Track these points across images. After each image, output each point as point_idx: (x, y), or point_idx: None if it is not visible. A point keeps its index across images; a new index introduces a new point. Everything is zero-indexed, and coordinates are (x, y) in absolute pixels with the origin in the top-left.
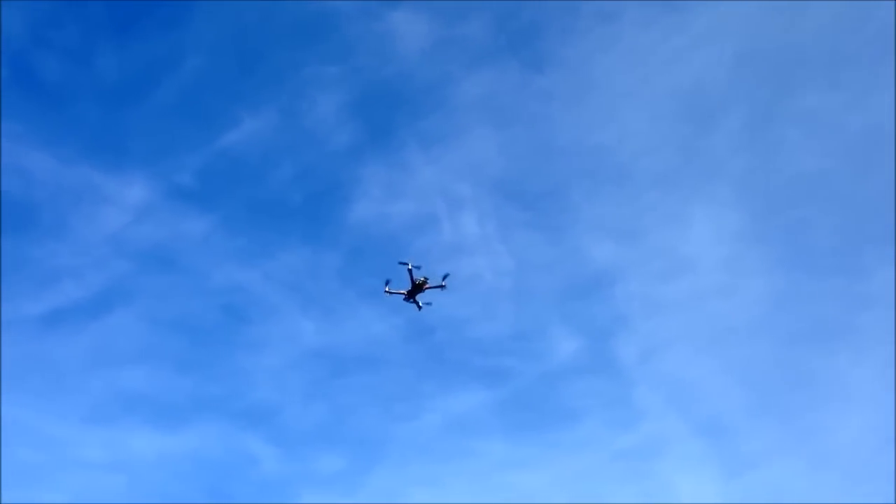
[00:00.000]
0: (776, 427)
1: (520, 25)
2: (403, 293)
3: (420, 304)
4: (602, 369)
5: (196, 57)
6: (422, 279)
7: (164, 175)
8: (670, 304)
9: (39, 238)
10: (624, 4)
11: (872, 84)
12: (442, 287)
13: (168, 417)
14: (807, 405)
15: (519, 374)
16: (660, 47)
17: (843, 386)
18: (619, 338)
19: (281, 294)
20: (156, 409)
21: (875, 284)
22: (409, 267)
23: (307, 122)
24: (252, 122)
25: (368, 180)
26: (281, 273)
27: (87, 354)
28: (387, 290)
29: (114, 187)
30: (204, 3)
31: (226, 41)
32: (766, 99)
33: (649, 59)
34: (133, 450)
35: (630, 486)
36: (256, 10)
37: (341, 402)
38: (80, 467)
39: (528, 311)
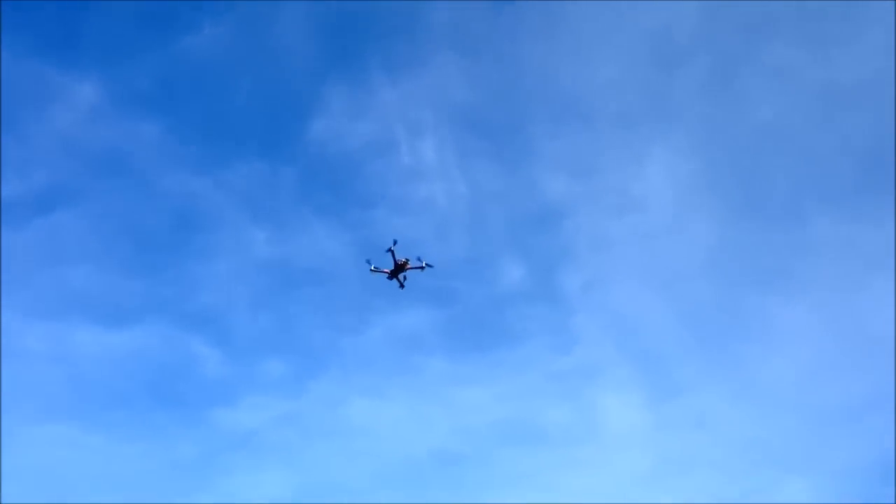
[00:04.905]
0: (705, 360)
1: None
2: (387, 272)
3: (402, 283)
4: (545, 297)
5: None
6: (403, 260)
7: (118, 76)
8: (617, 241)
9: None
10: None
11: (837, 41)
12: (422, 269)
13: (113, 316)
14: (736, 342)
15: (466, 297)
16: None
17: (773, 327)
18: (564, 269)
19: (233, 204)
20: (101, 308)
21: (814, 234)
22: (392, 248)
23: (270, 33)
24: (212, 29)
25: (329, 99)
26: (234, 183)
27: (30, 250)
28: (372, 268)
29: (66, 85)
30: None
31: None
32: (732, 49)
33: (620, 1)
34: (76, 344)
35: (563, 405)
36: None
37: (288, 312)
38: (20, 357)
39: (479, 237)
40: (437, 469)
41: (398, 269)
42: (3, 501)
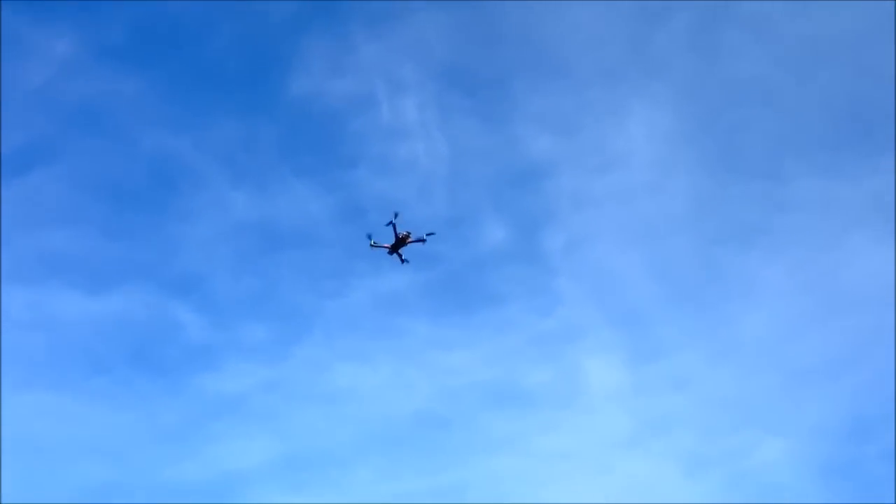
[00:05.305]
0: (686, 320)
1: None
2: (387, 246)
3: (403, 258)
4: (528, 258)
5: None
6: (405, 233)
7: (92, 30)
8: (599, 199)
9: None
10: None
11: None
12: (423, 241)
13: (92, 280)
14: (715, 301)
15: (448, 258)
16: None
17: (752, 284)
18: (547, 228)
19: (213, 164)
20: (80, 272)
21: (794, 190)
22: (393, 222)
23: None
24: None
25: (309, 54)
26: (213, 143)
27: (6, 212)
28: (372, 243)
29: (40, 38)
30: None
31: None
32: (712, 2)
33: None
34: (55, 310)
35: (545, 367)
36: None
37: (270, 276)
38: None
39: (461, 197)
40: (420, 432)
41: (399, 242)
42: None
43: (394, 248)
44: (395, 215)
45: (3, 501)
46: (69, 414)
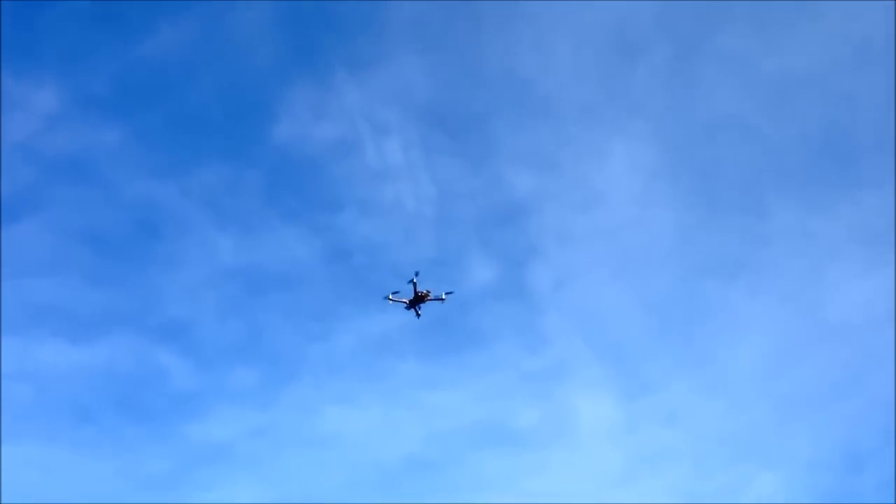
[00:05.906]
0: (673, 354)
1: None
2: (406, 302)
3: (419, 313)
4: (515, 296)
5: None
6: (424, 291)
7: (77, 82)
8: (583, 236)
9: None
10: None
11: (790, 28)
12: (442, 300)
13: (79, 330)
14: (703, 334)
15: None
16: None
17: (737, 317)
18: (532, 266)
19: (198, 210)
20: (66, 321)
21: (775, 224)
22: (414, 280)
23: (231, 35)
24: (171, 31)
25: (293, 100)
26: (198, 189)
27: None
28: (391, 298)
29: (23, 92)
30: None
31: None
32: (689, 38)
33: None
34: (42, 361)
35: (535, 406)
36: None
37: (258, 320)
38: None
39: (447, 238)
40: (410, 476)
41: (418, 299)
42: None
43: (412, 304)
44: (416, 274)
45: None
46: (55, 464)
